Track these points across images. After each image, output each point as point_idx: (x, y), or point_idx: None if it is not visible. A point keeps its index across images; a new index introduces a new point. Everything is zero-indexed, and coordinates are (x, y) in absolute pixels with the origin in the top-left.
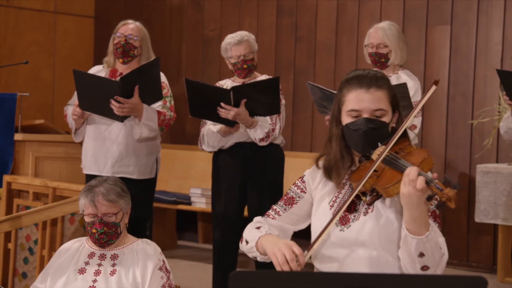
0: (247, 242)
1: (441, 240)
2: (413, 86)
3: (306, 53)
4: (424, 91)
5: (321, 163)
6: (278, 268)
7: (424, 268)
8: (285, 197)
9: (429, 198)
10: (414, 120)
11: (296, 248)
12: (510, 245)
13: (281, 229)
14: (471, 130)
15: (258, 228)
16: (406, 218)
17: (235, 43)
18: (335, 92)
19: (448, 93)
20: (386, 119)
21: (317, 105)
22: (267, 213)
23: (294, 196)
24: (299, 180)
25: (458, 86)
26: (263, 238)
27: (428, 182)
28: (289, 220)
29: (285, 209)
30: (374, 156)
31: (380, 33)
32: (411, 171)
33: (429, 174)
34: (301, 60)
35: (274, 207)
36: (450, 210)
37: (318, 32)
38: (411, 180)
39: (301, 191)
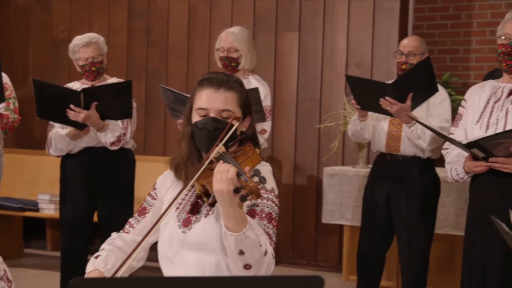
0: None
1: (263, 238)
2: (263, 91)
3: (158, 56)
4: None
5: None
6: None
7: (247, 266)
8: (140, 208)
9: (237, 191)
10: (264, 124)
11: None
12: (354, 244)
13: (137, 242)
14: (319, 134)
15: (96, 257)
16: (223, 215)
17: (83, 45)
18: (188, 95)
19: (297, 97)
20: (234, 122)
21: (169, 109)
22: (124, 227)
23: (146, 206)
24: (152, 188)
25: (306, 91)
26: (91, 273)
27: (238, 175)
28: (144, 231)
29: (138, 221)
30: (212, 155)
31: (230, 38)
32: (221, 168)
33: (248, 168)
34: (153, 63)
35: (130, 220)
36: (299, 211)
37: (170, 36)
38: (223, 176)
39: (152, 199)
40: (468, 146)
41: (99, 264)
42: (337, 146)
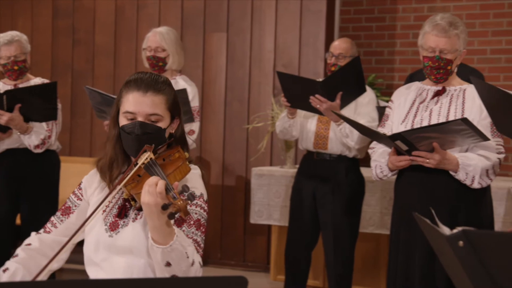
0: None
1: (190, 249)
2: (191, 92)
3: (85, 56)
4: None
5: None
6: None
7: (173, 277)
8: (63, 207)
9: (165, 207)
10: (192, 125)
11: None
12: (282, 244)
13: (58, 243)
14: (247, 135)
15: (4, 271)
16: (150, 227)
17: (4, 43)
18: (114, 96)
19: (225, 98)
20: (162, 124)
21: (95, 110)
22: (45, 225)
23: (70, 205)
24: (77, 187)
25: (234, 91)
26: None
27: (167, 191)
28: (68, 231)
29: (62, 221)
30: (140, 160)
31: (158, 37)
32: (150, 181)
33: (177, 183)
34: (79, 63)
35: (52, 218)
36: (227, 212)
37: (97, 35)
38: (150, 190)
39: (77, 199)
40: (392, 138)
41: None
42: (265, 147)
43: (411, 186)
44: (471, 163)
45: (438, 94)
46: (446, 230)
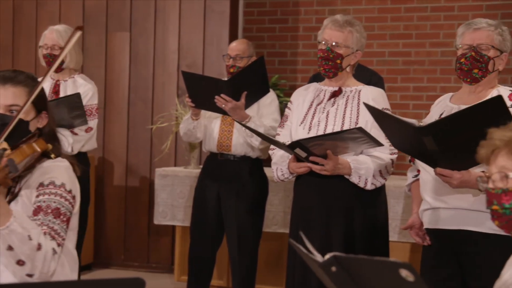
0: None
1: (35, 232)
2: (91, 89)
3: None
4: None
5: None
6: None
7: (20, 262)
8: None
9: None
10: (89, 122)
11: None
12: (186, 245)
13: None
14: (151, 135)
15: None
16: None
17: None
18: None
19: (129, 98)
20: (24, 116)
21: None
22: None
23: None
24: None
25: (138, 91)
26: None
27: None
28: None
29: None
30: None
31: (55, 35)
32: None
33: (5, 159)
34: None
35: None
36: (131, 213)
37: None
38: None
39: None
40: (291, 146)
41: None
42: (169, 147)
43: (309, 189)
44: (362, 167)
45: (334, 95)
46: (318, 257)
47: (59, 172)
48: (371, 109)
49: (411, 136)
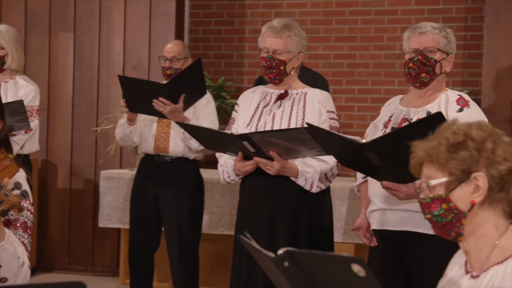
0: None
1: (21, 250)
2: (32, 91)
3: None
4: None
5: None
6: None
7: (2, 280)
8: None
9: None
10: (30, 124)
11: None
12: None
13: None
14: (96, 137)
15: None
16: None
17: None
18: None
19: (73, 100)
20: None
21: None
22: None
23: None
24: None
25: (82, 93)
26: None
27: None
28: None
29: None
30: None
31: None
32: None
33: (7, 180)
34: None
35: None
36: (76, 216)
37: None
38: None
39: None
40: (240, 138)
41: None
42: (114, 149)
43: (255, 190)
44: (309, 170)
45: (280, 97)
46: (270, 253)
47: (23, 184)
48: (313, 129)
49: (355, 152)
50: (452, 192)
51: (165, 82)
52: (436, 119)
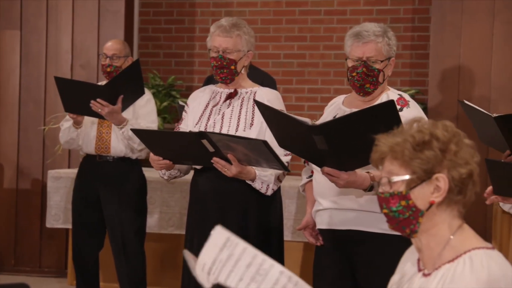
0: None
1: None
2: None
3: None
4: None
5: None
6: None
7: None
8: None
9: None
10: None
11: None
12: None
13: None
14: (43, 136)
15: None
16: None
17: None
18: None
19: (20, 99)
20: None
21: None
22: None
23: None
24: None
25: (29, 92)
26: None
27: None
28: None
29: None
30: None
31: None
32: None
33: None
34: None
35: None
36: (22, 216)
37: None
38: None
39: None
40: (199, 135)
41: None
42: (62, 149)
43: (205, 191)
44: (266, 174)
45: (230, 96)
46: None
47: None
48: (262, 107)
49: (301, 134)
50: (413, 190)
51: (104, 82)
52: (388, 107)
